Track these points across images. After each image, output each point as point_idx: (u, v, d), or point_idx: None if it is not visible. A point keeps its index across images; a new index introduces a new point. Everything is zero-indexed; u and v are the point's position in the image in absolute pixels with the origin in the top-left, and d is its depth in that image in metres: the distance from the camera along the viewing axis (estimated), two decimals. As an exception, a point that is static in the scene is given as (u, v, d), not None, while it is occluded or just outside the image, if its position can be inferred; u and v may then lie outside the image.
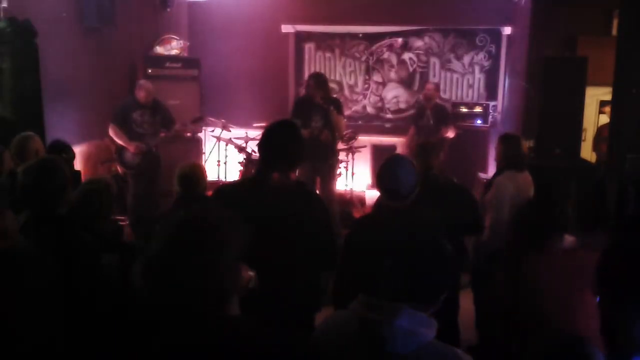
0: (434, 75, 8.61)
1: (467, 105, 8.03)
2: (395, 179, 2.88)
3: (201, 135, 7.97)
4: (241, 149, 7.14)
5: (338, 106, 6.19)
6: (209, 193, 3.93)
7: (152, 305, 1.69)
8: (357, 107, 8.87)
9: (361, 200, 7.76)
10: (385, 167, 2.98)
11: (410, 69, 8.69)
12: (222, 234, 1.51)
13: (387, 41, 8.68)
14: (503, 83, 8.45)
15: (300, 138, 2.87)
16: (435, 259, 1.69)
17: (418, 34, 8.60)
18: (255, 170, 2.90)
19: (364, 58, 8.77)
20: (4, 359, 1.67)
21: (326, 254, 2.79)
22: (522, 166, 4.33)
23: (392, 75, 8.76)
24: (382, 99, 8.83)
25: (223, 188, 3.23)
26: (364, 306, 1.68)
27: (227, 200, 2.78)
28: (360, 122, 8.72)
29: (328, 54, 8.86)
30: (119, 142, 6.21)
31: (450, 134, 7.07)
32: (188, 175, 3.79)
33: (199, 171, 3.92)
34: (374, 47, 8.72)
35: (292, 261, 2.64)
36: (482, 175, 7.03)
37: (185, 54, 8.22)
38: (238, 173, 7.21)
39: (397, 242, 1.72)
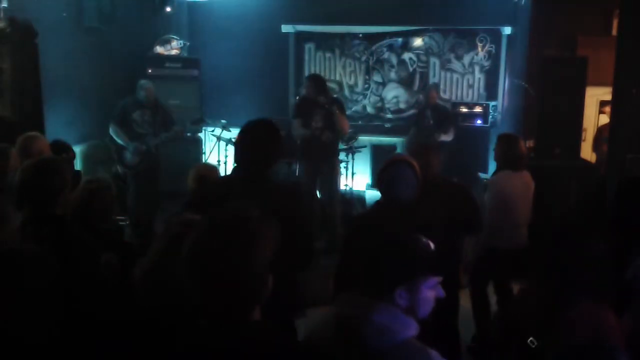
0: (434, 75, 8.61)
1: (467, 105, 8.02)
2: (396, 189, 2.90)
3: (201, 135, 7.97)
4: (241, 149, 7.13)
5: (340, 106, 6.20)
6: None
7: (171, 306, 1.67)
8: (357, 107, 8.87)
9: (361, 200, 7.76)
10: (385, 177, 2.99)
11: (410, 69, 8.69)
12: (259, 235, 1.47)
13: (387, 41, 8.68)
14: (503, 83, 8.44)
15: (275, 136, 2.89)
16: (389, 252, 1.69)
17: (418, 34, 8.60)
18: (232, 169, 2.91)
19: (364, 58, 8.77)
20: (4, 359, 1.67)
21: (301, 253, 2.78)
22: (520, 166, 4.33)
23: (392, 75, 8.76)
24: (382, 99, 8.82)
25: (210, 185, 3.23)
26: (342, 302, 1.68)
27: (208, 196, 2.79)
28: (360, 122, 8.71)
29: (328, 54, 8.85)
30: (119, 141, 6.22)
31: (446, 138, 7.06)
32: (205, 175, 3.79)
33: (216, 172, 3.95)
34: (374, 47, 8.72)
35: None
36: (482, 175, 7.03)
37: (185, 54, 8.22)
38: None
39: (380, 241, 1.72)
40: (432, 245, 1.74)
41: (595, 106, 7.77)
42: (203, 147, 7.98)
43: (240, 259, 1.42)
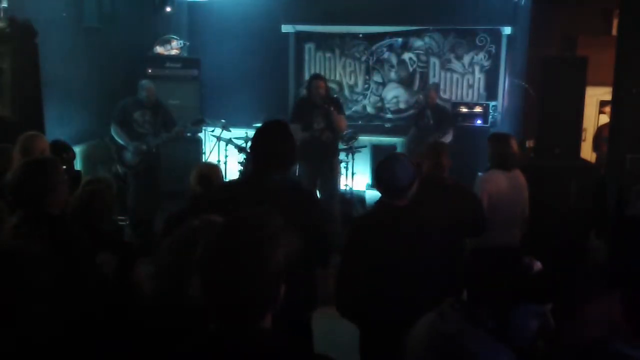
0: (434, 75, 8.61)
1: (467, 105, 8.02)
2: (392, 173, 2.89)
3: (201, 135, 7.97)
4: (241, 149, 7.14)
5: (338, 105, 6.20)
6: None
7: (174, 306, 1.66)
8: (357, 107, 8.87)
9: (361, 200, 7.77)
10: (382, 164, 3.00)
11: (410, 69, 8.69)
12: (272, 241, 1.44)
13: (387, 41, 8.68)
14: (503, 83, 8.44)
15: (290, 137, 2.91)
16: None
17: (418, 34, 8.60)
18: (251, 171, 2.92)
19: (364, 58, 8.77)
20: (5, 359, 1.67)
21: (320, 251, 2.81)
22: (510, 166, 4.31)
23: (392, 75, 8.76)
24: (382, 99, 8.82)
25: (219, 187, 3.23)
26: (442, 314, 1.62)
27: (223, 199, 2.79)
28: (360, 122, 8.71)
29: (328, 54, 8.85)
30: (120, 141, 6.22)
31: (444, 139, 7.05)
32: (207, 175, 3.78)
33: (218, 171, 3.95)
34: (374, 47, 8.72)
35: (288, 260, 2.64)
36: (480, 175, 7.02)
37: (185, 54, 8.22)
38: (238, 173, 7.21)
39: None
40: (537, 265, 1.61)
41: (595, 106, 7.76)
42: (203, 147, 7.98)
43: (251, 264, 1.40)
